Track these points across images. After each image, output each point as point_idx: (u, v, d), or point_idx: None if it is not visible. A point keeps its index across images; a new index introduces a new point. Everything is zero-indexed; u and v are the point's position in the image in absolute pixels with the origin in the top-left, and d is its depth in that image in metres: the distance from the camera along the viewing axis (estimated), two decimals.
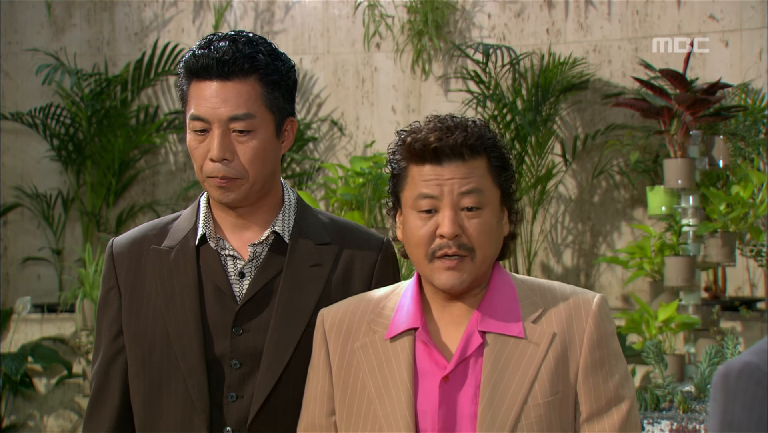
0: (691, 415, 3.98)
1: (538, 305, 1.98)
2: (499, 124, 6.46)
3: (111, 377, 2.25)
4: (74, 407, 6.35)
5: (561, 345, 1.95)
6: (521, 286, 2.01)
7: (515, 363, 1.93)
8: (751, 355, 1.41)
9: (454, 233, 1.92)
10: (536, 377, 1.93)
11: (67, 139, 6.87)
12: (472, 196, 1.94)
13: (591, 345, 1.96)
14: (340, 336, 2.03)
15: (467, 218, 1.94)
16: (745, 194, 5.25)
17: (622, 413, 1.95)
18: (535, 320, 1.96)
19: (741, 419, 1.40)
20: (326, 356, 2.03)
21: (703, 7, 6.34)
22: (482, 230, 1.94)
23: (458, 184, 1.93)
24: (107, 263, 2.28)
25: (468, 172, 1.94)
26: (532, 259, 6.59)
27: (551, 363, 1.94)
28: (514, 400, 1.91)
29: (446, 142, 1.93)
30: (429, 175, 1.94)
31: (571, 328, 1.96)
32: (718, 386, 1.43)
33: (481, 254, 1.95)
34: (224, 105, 2.12)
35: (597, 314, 1.97)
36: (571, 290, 2.01)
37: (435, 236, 1.94)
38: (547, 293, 2.00)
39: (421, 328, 1.97)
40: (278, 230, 2.21)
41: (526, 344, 1.94)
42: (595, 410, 1.95)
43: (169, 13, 7.17)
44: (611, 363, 1.97)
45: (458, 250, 1.93)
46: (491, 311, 1.97)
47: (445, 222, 1.93)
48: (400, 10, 6.92)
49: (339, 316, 2.05)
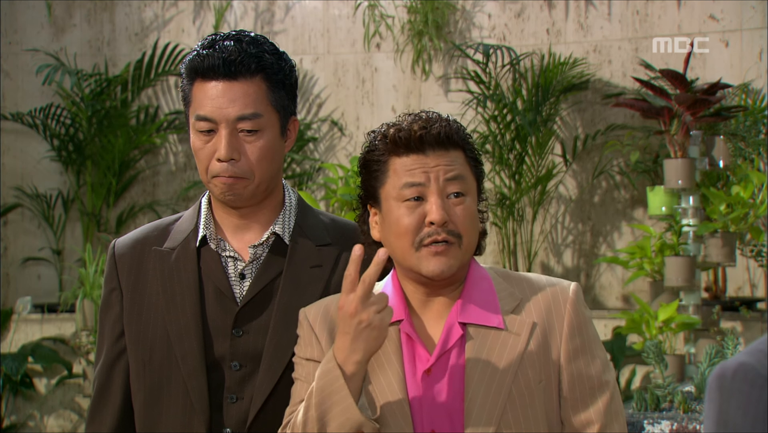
0: (691, 415, 3.98)
1: (516, 296, 2.01)
2: (499, 125, 6.46)
3: (113, 377, 2.25)
4: (74, 407, 6.35)
5: (542, 334, 1.97)
6: (497, 279, 2.03)
7: (497, 355, 1.95)
8: (746, 355, 1.42)
9: (444, 219, 1.94)
10: (519, 366, 1.95)
11: (67, 140, 6.87)
12: (458, 182, 1.97)
13: (571, 331, 1.98)
14: (324, 328, 2.03)
15: (453, 205, 1.97)
16: (746, 194, 5.25)
17: (606, 398, 1.98)
18: (513, 311, 1.99)
19: (736, 419, 1.40)
20: (318, 344, 2.03)
21: (703, 8, 6.33)
22: (467, 216, 1.97)
23: (443, 171, 1.96)
24: (109, 265, 2.29)
25: (451, 160, 1.98)
26: (533, 259, 6.59)
27: (533, 352, 1.96)
28: (499, 391, 1.93)
29: (430, 131, 1.97)
30: (414, 165, 1.97)
31: (551, 316, 1.99)
32: (714, 386, 1.43)
33: (467, 241, 1.97)
34: (231, 105, 2.12)
35: (575, 301, 2.00)
36: (546, 279, 2.04)
37: (422, 225, 1.95)
38: (524, 283, 2.03)
39: (405, 320, 1.99)
40: (278, 231, 2.21)
41: (507, 335, 1.97)
42: (579, 396, 1.97)
43: (169, 14, 7.18)
44: (591, 348, 2.00)
45: (447, 236, 1.95)
46: (470, 303, 1.99)
47: (433, 209, 1.95)
48: (401, 11, 6.92)
49: (322, 309, 2.06)
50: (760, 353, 1.41)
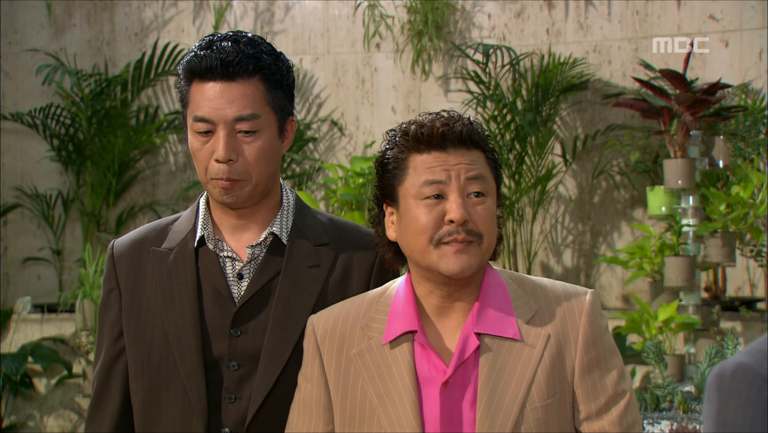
0: (691, 415, 3.98)
1: (531, 306, 1.97)
2: (499, 125, 6.46)
3: (112, 378, 2.25)
4: (74, 407, 6.35)
5: (556, 346, 1.94)
6: (512, 285, 1.99)
7: (512, 366, 1.92)
8: (744, 356, 1.42)
9: (464, 217, 1.90)
10: (533, 379, 1.92)
11: (67, 140, 6.87)
12: (479, 181, 1.93)
13: (586, 344, 1.95)
14: (333, 345, 2.00)
15: (473, 204, 1.93)
16: (745, 194, 5.25)
17: (620, 408, 1.94)
18: (529, 321, 1.95)
19: (735, 419, 1.40)
20: (320, 366, 2.01)
21: (703, 8, 6.33)
22: (487, 216, 1.93)
23: (465, 170, 1.93)
24: (108, 265, 2.29)
25: (473, 160, 1.94)
26: (532, 259, 6.59)
27: (547, 365, 1.93)
28: (512, 404, 1.90)
29: (453, 128, 1.94)
30: (434, 162, 1.93)
31: (566, 328, 1.95)
32: (713, 386, 1.43)
33: (487, 240, 1.94)
34: (229, 106, 2.11)
35: (590, 312, 1.97)
36: (562, 288, 2.00)
37: (441, 223, 1.91)
38: (539, 291, 1.99)
39: (419, 331, 1.95)
40: (276, 231, 2.21)
41: (522, 346, 1.93)
42: (593, 408, 1.94)
43: (169, 14, 7.17)
44: (607, 360, 1.96)
45: (467, 236, 1.91)
46: (486, 312, 1.95)
47: (453, 207, 1.91)
48: (400, 11, 6.92)
49: (330, 323, 2.03)
50: (759, 354, 1.41)
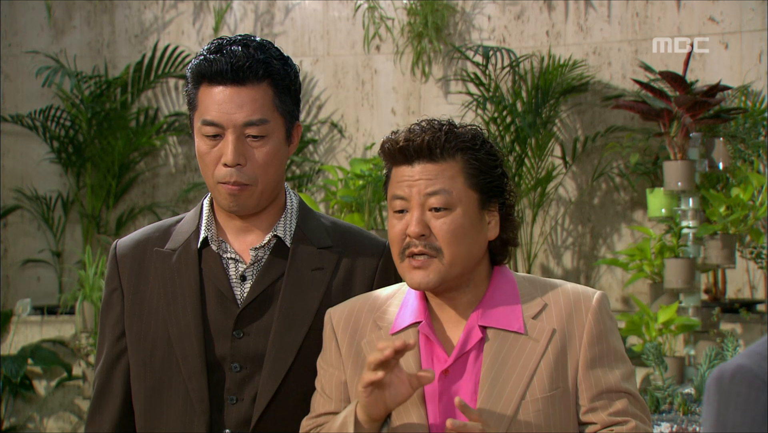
0: (691, 417, 3.99)
1: (539, 301, 2.00)
2: (498, 127, 6.46)
3: (113, 378, 2.26)
4: (74, 409, 6.35)
5: (560, 341, 1.96)
6: (523, 282, 2.03)
7: (514, 358, 1.95)
8: (744, 358, 1.42)
9: (419, 232, 1.95)
10: (535, 372, 1.94)
11: (67, 142, 6.87)
12: (438, 196, 1.95)
13: (590, 341, 1.97)
14: (347, 330, 2.07)
15: (434, 218, 1.96)
16: (745, 196, 5.25)
17: (624, 403, 1.95)
18: (535, 316, 1.98)
19: (734, 421, 1.40)
20: (337, 348, 2.07)
21: (703, 9, 6.33)
22: (450, 230, 1.95)
23: (425, 185, 1.96)
24: (110, 265, 2.29)
25: (437, 173, 1.96)
26: (532, 261, 6.59)
27: (550, 359, 1.95)
28: (513, 395, 1.93)
29: (413, 142, 1.96)
30: (402, 176, 1.98)
31: (571, 324, 1.97)
32: (712, 389, 1.44)
33: (449, 255, 1.96)
34: (239, 110, 2.12)
35: (597, 310, 1.99)
36: (572, 287, 2.03)
37: (405, 236, 1.97)
38: (549, 288, 2.02)
39: (424, 322, 2.00)
40: (280, 234, 2.22)
41: (526, 339, 1.96)
42: (596, 403, 1.96)
43: (169, 15, 7.17)
44: (611, 358, 1.98)
45: (424, 249, 1.95)
46: (492, 306, 1.98)
47: (411, 222, 1.96)
48: (400, 12, 6.92)
49: (346, 312, 2.09)
50: (758, 356, 1.42)
